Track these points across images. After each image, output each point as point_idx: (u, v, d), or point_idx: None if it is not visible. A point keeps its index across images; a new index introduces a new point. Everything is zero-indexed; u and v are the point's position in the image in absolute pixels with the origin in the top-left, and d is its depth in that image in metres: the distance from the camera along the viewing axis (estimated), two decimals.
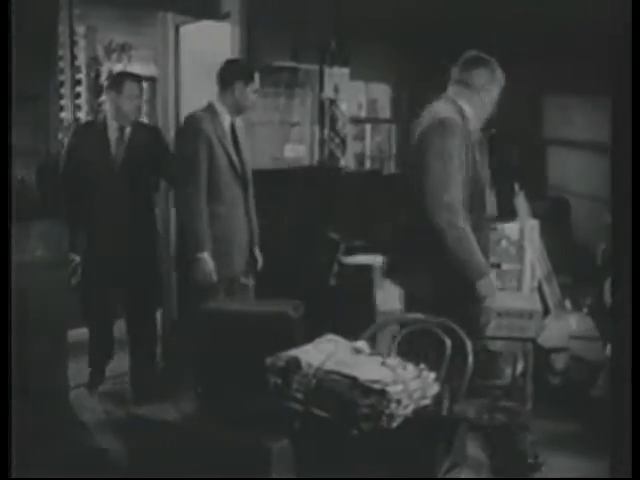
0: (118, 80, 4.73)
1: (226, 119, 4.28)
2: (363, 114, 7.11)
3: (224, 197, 4.22)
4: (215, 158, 4.17)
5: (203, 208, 4.12)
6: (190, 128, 4.19)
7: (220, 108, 4.26)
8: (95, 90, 6.63)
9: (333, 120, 6.60)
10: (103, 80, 6.62)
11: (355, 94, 6.87)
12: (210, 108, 4.25)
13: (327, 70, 6.46)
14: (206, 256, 4.12)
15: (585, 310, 5.17)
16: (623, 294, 1.97)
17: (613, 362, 2.08)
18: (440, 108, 3.68)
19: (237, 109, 4.31)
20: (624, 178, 1.96)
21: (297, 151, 6.43)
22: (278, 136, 5.93)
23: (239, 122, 4.40)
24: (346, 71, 6.60)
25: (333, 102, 6.57)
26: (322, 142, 6.55)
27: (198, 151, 4.12)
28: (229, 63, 4.42)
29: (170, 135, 5.27)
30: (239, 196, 4.29)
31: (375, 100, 7.20)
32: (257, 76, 4.33)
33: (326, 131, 6.55)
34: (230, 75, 4.27)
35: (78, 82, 6.52)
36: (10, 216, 2.64)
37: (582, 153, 6.90)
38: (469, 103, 3.70)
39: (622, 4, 2.06)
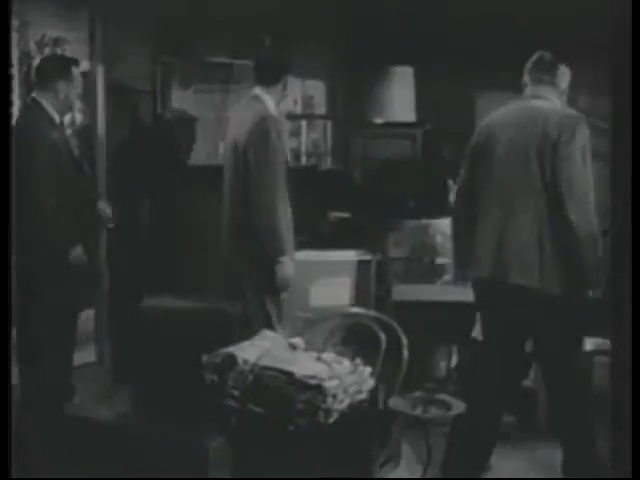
0: (65, 66, 4.19)
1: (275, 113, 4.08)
2: (299, 110, 7.12)
3: (284, 194, 4.02)
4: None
5: (282, 207, 3.93)
6: (271, 125, 3.93)
7: (269, 102, 4.04)
8: (27, 85, 6.51)
9: None
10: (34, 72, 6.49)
11: (291, 90, 6.87)
12: (259, 101, 4.03)
13: None
14: (287, 260, 3.89)
15: None
16: (623, 294, 1.97)
17: (613, 361, 2.09)
18: (552, 105, 3.51)
19: (279, 102, 4.16)
20: (624, 179, 1.97)
21: None
22: (213, 132, 5.90)
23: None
24: None
25: None
26: None
27: (278, 148, 3.92)
28: (277, 58, 4.26)
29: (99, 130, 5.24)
30: (286, 192, 4.07)
31: (311, 97, 7.21)
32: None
33: None
34: (281, 70, 4.13)
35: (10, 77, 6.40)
36: (10, 216, 2.58)
37: None
38: (560, 103, 3.57)
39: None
